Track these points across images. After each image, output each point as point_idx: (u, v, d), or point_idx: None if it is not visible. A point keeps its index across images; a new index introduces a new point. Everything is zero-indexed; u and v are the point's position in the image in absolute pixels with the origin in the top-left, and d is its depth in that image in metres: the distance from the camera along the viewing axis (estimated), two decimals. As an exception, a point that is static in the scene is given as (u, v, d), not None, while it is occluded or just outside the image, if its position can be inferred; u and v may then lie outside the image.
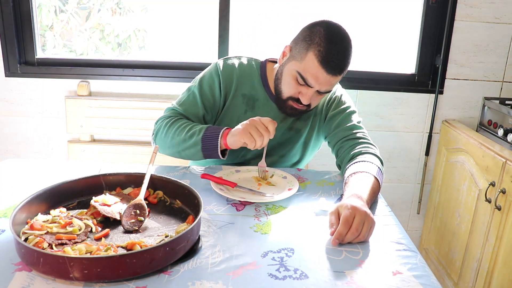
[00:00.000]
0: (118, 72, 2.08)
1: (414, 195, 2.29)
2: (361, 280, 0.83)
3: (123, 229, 0.95)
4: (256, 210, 1.10)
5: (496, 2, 2.01)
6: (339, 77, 1.25)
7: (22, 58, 2.07)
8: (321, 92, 1.27)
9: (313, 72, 1.22)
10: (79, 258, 0.76)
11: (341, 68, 1.22)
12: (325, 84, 1.24)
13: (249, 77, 1.40)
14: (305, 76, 1.23)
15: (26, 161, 1.36)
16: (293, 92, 1.28)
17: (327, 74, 1.21)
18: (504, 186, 1.59)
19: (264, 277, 0.82)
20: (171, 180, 1.07)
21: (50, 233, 0.89)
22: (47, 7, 2.27)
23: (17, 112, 2.11)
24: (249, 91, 1.40)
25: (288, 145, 1.43)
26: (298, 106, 1.30)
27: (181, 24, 2.30)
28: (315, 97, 1.29)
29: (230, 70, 1.40)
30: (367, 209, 0.98)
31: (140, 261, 0.77)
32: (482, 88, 2.13)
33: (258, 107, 1.40)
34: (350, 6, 2.21)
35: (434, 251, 2.16)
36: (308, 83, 1.24)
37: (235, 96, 1.40)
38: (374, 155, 1.30)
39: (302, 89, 1.26)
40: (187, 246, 0.86)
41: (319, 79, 1.22)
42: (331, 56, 1.20)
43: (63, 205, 1.02)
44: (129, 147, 2.12)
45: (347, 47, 1.23)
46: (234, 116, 1.40)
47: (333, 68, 1.20)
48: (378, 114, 2.17)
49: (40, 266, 0.78)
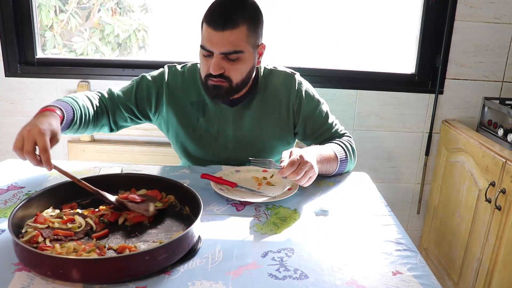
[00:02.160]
0: (118, 72, 2.07)
1: (414, 195, 2.29)
2: (361, 280, 0.83)
3: (122, 231, 0.95)
4: (256, 210, 1.10)
5: (496, 2, 2.01)
6: (232, 31, 1.20)
7: (22, 58, 2.07)
8: (230, 57, 1.23)
9: (206, 36, 1.22)
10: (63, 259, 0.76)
11: (225, 20, 1.19)
12: (221, 43, 1.21)
13: (194, 83, 1.39)
14: (203, 44, 1.24)
15: (26, 161, 1.35)
16: (205, 68, 1.27)
17: (215, 31, 1.20)
18: (504, 186, 1.59)
19: (264, 277, 0.82)
20: (184, 186, 1.06)
21: (51, 228, 0.91)
22: (47, 7, 2.27)
23: (17, 112, 2.11)
24: (196, 97, 1.39)
25: (258, 143, 1.41)
26: (214, 81, 1.26)
27: (181, 24, 2.30)
28: (229, 66, 1.25)
29: (174, 79, 1.40)
30: (313, 161, 1.14)
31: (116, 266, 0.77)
32: (482, 88, 2.13)
33: (208, 111, 1.39)
34: (350, 6, 2.21)
35: (434, 251, 2.16)
36: (207, 49, 1.22)
37: (184, 106, 1.39)
38: (346, 143, 1.39)
39: (211, 61, 1.24)
40: (171, 256, 0.83)
41: (212, 40, 1.21)
42: (214, 13, 1.21)
43: (77, 201, 1.04)
44: (129, 147, 2.12)
45: (233, 2, 1.23)
46: (189, 125, 1.39)
47: (217, 23, 1.19)
48: (378, 114, 2.17)
49: (36, 267, 0.78)
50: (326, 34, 2.26)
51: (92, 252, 0.82)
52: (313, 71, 2.09)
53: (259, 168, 1.32)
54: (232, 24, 1.20)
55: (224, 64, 1.24)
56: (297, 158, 1.09)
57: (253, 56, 1.29)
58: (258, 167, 1.32)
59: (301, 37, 2.26)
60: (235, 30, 1.20)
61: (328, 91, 2.09)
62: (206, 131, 1.40)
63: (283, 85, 1.41)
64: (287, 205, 1.14)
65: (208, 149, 1.41)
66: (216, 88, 1.27)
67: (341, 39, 2.27)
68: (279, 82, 1.41)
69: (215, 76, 1.25)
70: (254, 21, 1.25)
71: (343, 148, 1.35)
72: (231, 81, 1.27)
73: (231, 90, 1.29)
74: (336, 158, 1.30)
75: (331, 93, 2.10)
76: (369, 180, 1.34)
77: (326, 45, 2.28)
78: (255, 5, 1.27)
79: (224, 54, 1.22)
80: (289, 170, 1.08)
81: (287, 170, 1.08)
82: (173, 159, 2.03)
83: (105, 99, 1.37)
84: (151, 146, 2.12)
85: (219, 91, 1.28)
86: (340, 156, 1.32)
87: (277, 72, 1.43)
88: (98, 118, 1.33)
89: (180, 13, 2.29)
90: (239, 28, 1.21)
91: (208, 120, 1.39)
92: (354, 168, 1.42)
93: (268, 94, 1.40)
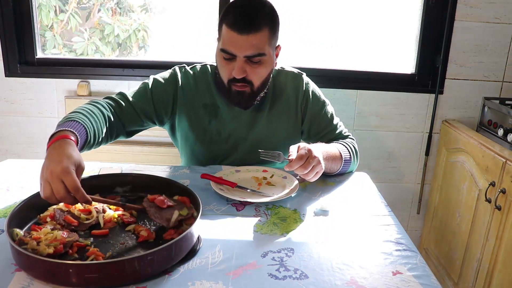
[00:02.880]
0: (118, 72, 2.08)
1: (414, 195, 2.29)
2: (361, 280, 0.83)
3: (122, 233, 0.94)
4: (256, 210, 1.10)
5: (496, 2, 2.01)
6: (256, 35, 1.20)
7: (22, 58, 2.07)
8: (252, 59, 1.23)
9: (228, 39, 1.21)
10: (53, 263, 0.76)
11: (250, 24, 1.19)
12: (245, 47, 1.21)
13: (206, 85, 1.38)
14: (226, 48, 1.22)
15: (26, 161, 1.36)
16: (227, 72, 1.26)
17: (239, 35, 1.19)
18: (504, 186, 1.59)
19: (264, 277, 0.82)
20: (184, 186, 1.05)
21: (71, 212, 0.95)
22: (47, 7, 2.27)
23: (17, 112, 2.11)
24: (209, 100, 1.38)
25: (269, 144, 1.39)
26: (237, 86, 1.26)
27: (181, 24, 2.30)
28: (251, 70, 1.25)
29: (187, 81, 1.38)
30: (320, 157, 1.14)
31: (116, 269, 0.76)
32: (482, 88, 2.13)
33: (220, 114, 1.38)
34: (350, 6, 2.21)
35: (434, 251, 2.16)
36: (230, 52, 1.22)
37: (196, 108, 1.37)
38: (350, 145, 1.39)
39: (233, 65, 1.24)
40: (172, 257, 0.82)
41: (236, 43, 1.20)
42: (237, 16, 1.20)
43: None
44: (129, 147, 2.11)
45: (255, 5, 1.23)
46: (200, 128, 1.38)
47: (244, 27, 1.19)
48: (378, 114, 2.17)
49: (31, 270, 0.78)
50: (326, 34, 2.26)
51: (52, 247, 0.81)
52: (313, 71, 2.09)
53: (259, 168, 1.33)
54: (256, 27, 1.20)
55: (246, 68, 1.24)
56: (305, 152, 1.10)
57: (273, 58, 1.30)
58: (257, 167, 1.33)
59: (301, 37, 2.26)
60: (259, 33, 1.21)
61: (328, 91, 2.08)
62: (217, 134, 1.39)
63: (291, 85, 1.42)
64: (287, 205, 1.14)
65: (217, 152, 1.41)
66: (240, 94, 1.28)
67: (341, 39, 2.27)
68: (287, 82, 1.42)
69: (238, 80, 1.25)
70: (274, 23, 1.26)
71: (348, 148, 1.36)
72: (252, 85, 1.27)
73: (253, 95, 1.30)
74: (341, 158, 1.31)
75: (331, 93, 2.10)
76: (369, 180, 1.34)
77: (326, 45, 2.28)
78: (273, 7, 1.28)
79: (247, 58, 1.23)
80: (298, 164, 1.08)
81: (295, 163, 1.08)
82: (173, 159, 2.04)
83: (119, 109, 1.28)
84: (151, 146, 2.11)
85: (242, 97, 1.29)
86: (344, 156, 1.32)
87: (285, 72, 1.45)
88: (111, 131, 1.26)
89: (180, 13, 2.29)
90: (262, 31, 1.21)
91: (220, 123, 1.38)
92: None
93: (277, 94, 1.41)
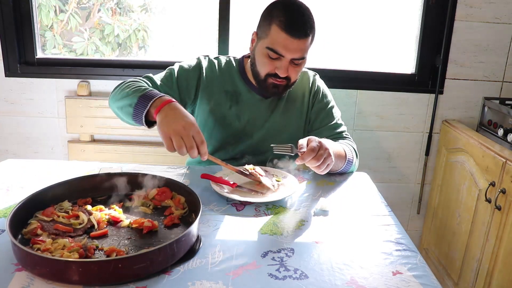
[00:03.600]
0: (118, 72, 2.08)
1: (414, 195, 2.29)
2: (361, 280, 0.83)
3: (119, 229, 0.95)
4: (256, 210, 1.10)
5: (496, 2, 2.01)
6: (306, 40, 1.29)
7: (22, 58, 2.07)
8: (296, 61, 1.32)
9: (280, 41, 1.28)
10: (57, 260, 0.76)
11: (305, 30, 1.27)
12: (295, 50, 1.28)
13: (229, 74, 1.46)
14: (275, 48, 1.29)
15: (26, 161, 1.36)
16: (269, 68, 1.33)
17: (293, 39, 1.26)
18: (504, 186, 1.59)
19: (264, 277, 0.82)
20: (184, 186, 1.06)
21: (54, 221, 0.93)
22: (47, 7, 2.27)
23: (17, 112, 2.11)
24: (231, 87, 1.45)
25: (282, 133, 1.47)
26: (277, 81, 1.34)
27: (181, 24, 2.30)
28: (292, 69, 1.33)
29: (211, 68, 1.46)
30: (330, 148, 1.17)
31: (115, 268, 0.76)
32: (482, 88, 2.13)
33: (242, 100, 1.45)
34: (350, 6, 2.21)
35: (434, 251, 2.16)
36: (279, 53, 1.29)
37: (218, 93, 1.44)
38: (353, 146, 1.45)
39: (277, 64, 1.32)
40: (171, 256, 0.83)
41: (287, 46, 1.28)
42: (293, 21, 1.27)
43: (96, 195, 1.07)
44: (129, 147, 2.12)
45: (305, 11, 1.30)
46: (220, 113, 1.44)
47: (298, 31, 1.26)
48: (378, 114, 2.17)
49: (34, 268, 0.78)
50: (327, 34, 2.26)
51: (75, 252, 0.81)
52: (313, 71, 2.09)
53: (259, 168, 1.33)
54: (307, 33, 1.29)
55: (289, 67, 1.32)
56: (317, 145, 1.13)
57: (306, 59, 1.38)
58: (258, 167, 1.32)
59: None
60: (307, 38, 1.29)
61: (328, 91, 2.09)
62: (237, 119, 1.45)
63: (303, 79, 1.52)
64: (287, 205, 1.14)
65: (233, 136, 1.46)
66: (275, 87, 1.36)
67: (341, 39, 2.27)
68: (304, 78, 1.52)
69: (279, 77, 1.32)
70: (314, 29, 1.33)
71: (351, 149, 1.41)
72: (289, 80, 1.36)
73: (287, 88, 1.40)
74: (345, 156, 1.34)
75: (331, 93, 2.09)
76: (369, 180, 1.34)
77: (326, 45, 2.28)
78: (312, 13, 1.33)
79: (293, 59, 1.31)
80: (310, 156, 1.11)
81: (307, 155, 1.11)
82: (173, 159, 2.04)
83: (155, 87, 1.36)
84: (151, 146, 2.12)
85: (277, 89, 1.37)
86: (348, 155, 1.35)
87: (303, 70, 1.53)
88: None
89: (180, 13, 2.29)
90: (309, 36, 1.30)
91: (240, 109, 1.45)
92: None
93: (293, 88, 1.46)
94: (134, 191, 1.09)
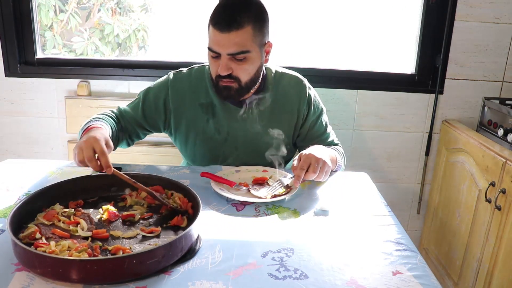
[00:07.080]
0: (118, 72, 2.07)
1: (414, 195, 2.29)
2: (361, 280, 0.83)
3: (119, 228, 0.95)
4: (256, 210, 1.10)
5: (496, 2, 2.01)
6: (238, 32, 1.22)
7: (22, 58, 2.07)
8: (237, 57, 1.24)
9: (212, 38, 1.25)
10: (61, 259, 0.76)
11: (230, 22, 1.21)
12: (228, 44, 1.23)
13: (201, 85, 1.40)
14: (210, 46, 1.26)
15: (26, 161, 1.36)
16: (215, 69, 1.29)
17: (221, 33, 1.22)
18: (504, 186, 1.59)
19: (264, 277, 0.82)
20: (183, 186, 1.05)
21: (55, 225, 0.92)
22: (47, 7, 2.27)
23: (17, 112, 2.11)
24: (205, 99, 1.40)
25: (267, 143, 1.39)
26: (224, 82, 1.29)
27: (181, 24, 2.30)
28: (236, 66, 1.27)
29: (180, 83, 1.40)
30: (324, 157, 1.21)
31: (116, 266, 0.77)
32: (482, 88, 2.13)
33: (217, 112, 1.39)
34: (350, 6, 2.21)
35: (434, 251, 2.16)
36: (214, 50, 1.25)
37: (192, 108, 1.39)
38: (341, 150, 1.48)
39: (219, 62, 1.26)
40: (171, 256, 0.83)
41: (219, 42, 1.23)
42: (219, 15, 1.24)
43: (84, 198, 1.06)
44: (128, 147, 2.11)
45: (236, 3, 1.25)
46: (199, 128, 1.40)
47: (222, 24, 1.21)
48: (378, 114, 2.17)
49: (35, 267, 0.78)
50: (326, 34, 2.26)
51: (84, 252, 0.81)
52: (313, 71, 2.09)
53: (259, 168, 1.33)
54: (237, 25, 1.21)
55: (231, 65, 1.26)
56: (305, 161, 1.18)
57: (260, 55, 1.30)
58: (258, 167, 1.33)
59: (301, 37, 2.26)
60: (240, 31, 1.22)
61: (328, 91, 2.09)
62: (216, 133, 1.40)
63: (294, 90, 1.44)
64: (287, 205, 1.14)
65: (218, 151, 1.42)
66: (226, 89, 1.30)
67: (341, 39, 2.27)
68: (291, 86, 1.44)
69: (224, 77, 1.27)
70: (259, 20, 1.26)
71: (340, 154, 1.45)
72: (240, 81, 1.29)
73: (241, 90, 1.31)
74: (336, 161, 1.37)
75: (331, 93, 2.10)
76: (369, 180, 1.34)
77: (326, 45, 2.28)
78: (259, 4, 1.28)
79: (231, 55, 1.24)
80: (302, 173, 1.17)
81: (300, 173, 1.17)
82: (173, 159, 2.03)
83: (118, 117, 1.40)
84: (151, 146, 2.11)
85: (229, 92, 1.30)
86: (339, 160, 1.40)
87: (289, 76, 1.46)
88: (119, 135, 1.36)
89: (180, 13, 2.29)
90: (245, 28, 1.22)
91: (218, 121, 1.40)
92: (354, 168, 1.46)
93: (279, 96, 1.42)
94: (125, 191, 1.09)
